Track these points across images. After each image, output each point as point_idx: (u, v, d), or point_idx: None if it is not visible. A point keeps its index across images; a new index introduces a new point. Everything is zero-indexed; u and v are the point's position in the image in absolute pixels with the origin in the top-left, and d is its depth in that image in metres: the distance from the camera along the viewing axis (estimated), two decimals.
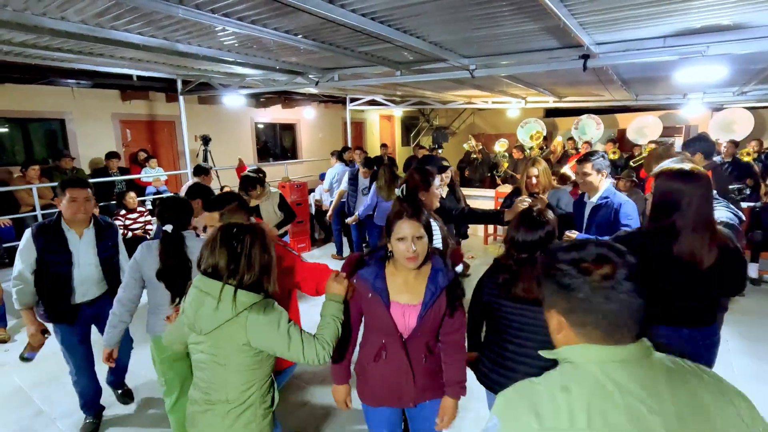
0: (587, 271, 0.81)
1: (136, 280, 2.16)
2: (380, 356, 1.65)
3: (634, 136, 9.27)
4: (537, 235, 1.71)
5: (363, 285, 1.63)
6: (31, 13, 2.84)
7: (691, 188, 1.67)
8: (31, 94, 6.35)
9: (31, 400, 3.06)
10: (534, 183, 3.07)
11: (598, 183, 2.70)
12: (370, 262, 1.66)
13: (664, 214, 1.70)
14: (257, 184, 4.10)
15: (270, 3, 2.59)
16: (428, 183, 2.44)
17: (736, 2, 2.55)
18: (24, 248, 2.37)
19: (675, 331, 1.72)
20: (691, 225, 1.64)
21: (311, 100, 10.06)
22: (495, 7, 2.72)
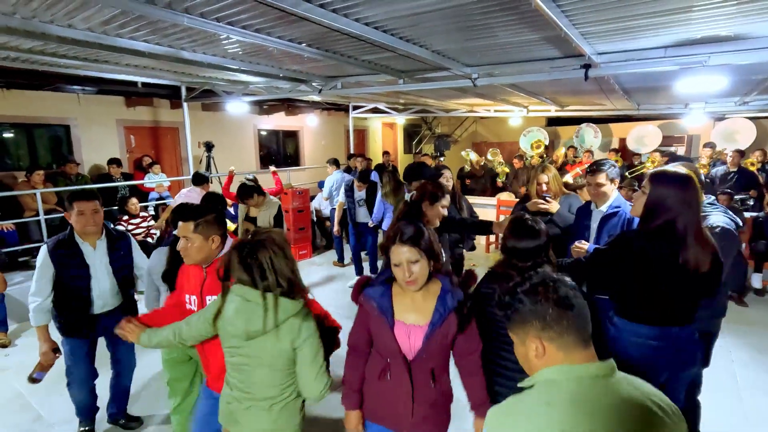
0: (540, 293, 1.00)
1: (153, 282, 2.45)
2: (384, 376, 1.62)
3: (634, 145, 9.30)
4: (538, 241, 1.70)
5: (369, 304, 1.61)
6: (39, 20, 2.88)
7: (689, 191, 1.67)
8: (37, 100, 6.42)
9: (30, 405, 3.05)
10: (545, 190, 3.05)
11: (611, 192, 2.67)
12: (377, 280, 1.65)
13: (658, 216, 1.69)
14: (254, 192, 4.07)
15: (274, 12, 2.62)
16: (436, 197, 2.45)
17: (736, 13, 2.57)
18: (42, 265, 2.36)
19: (665, 330, 1.75)
20: (694, 229, 1.65)
21: (314, 107, 10.12)
22: (497, 17, 2.74)
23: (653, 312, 1.75)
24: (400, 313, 1.59)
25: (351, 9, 2.56)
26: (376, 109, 9.22)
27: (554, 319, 0.98)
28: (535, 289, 1.02)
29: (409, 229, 1.55)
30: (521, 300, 1.02)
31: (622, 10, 2.55)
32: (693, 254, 1.64)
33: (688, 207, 1.65)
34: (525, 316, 1.01)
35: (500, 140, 13.73)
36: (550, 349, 0.98)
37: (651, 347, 1.75)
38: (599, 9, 2.53)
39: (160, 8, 2.54)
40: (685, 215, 1.65)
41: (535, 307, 1.00)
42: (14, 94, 6.19)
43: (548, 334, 0.98)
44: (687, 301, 1.76)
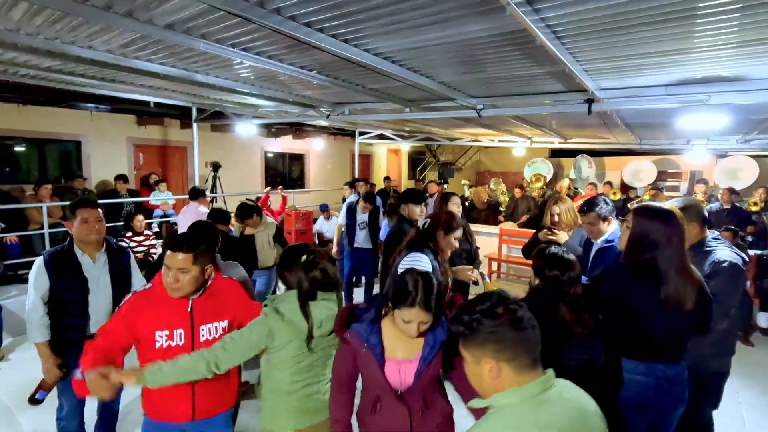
0: (499, 315, 1.02)
1: None
2: (375, 409, 1.59)
3: (630, 179, 9.43)
4: (576, 272, 1.70)
5: (357, 341, 1.56)
6: (60, 41, 2.99)
7: (672, 227, 1.67)
8: (51, 116, 6.57)
9: (17, 422, 2.98)
10: (556, 221, 3.06)
11: (605, 229, 2.67)
12: (365, 316, 1.59)
13: (642, 251, 1.70)
14: (254, 212, 4.08)
15: (287, 40, 2.72)
16: (451, 228, 2.43)
17: (736, 55, 2.64)
18: (37, 277, 2.23)
19: (650, 367, 1.73)
20: (674, 266, 1.64)
21: (321, 131, 10.30)
22: (503, 52, 2.83)
23: (638, 347, 1.74)
24: (390, 350, 1.55)
25: (361, 40, 2.65)
26: (381, 136, 9.37)
27: (511, 342, 1.00)
28: (494, 310, 1.03)
29: (427, 292, 1.47)
30: (480, 321, 1.03)
31: (624, 49, 2.63)
32: (674, 290, 1.63)
33: (669, 242, 1.65)
34: (483, 338, 1.02)
35: (504, 170, 13.86)
36: (505, 370, 1.00)
37: (637, 383, 1.73)
38: (602, 47, 2.61)
39: (178, 33, 2.64)
40: (667, 250, 1.65)
41: (494, 329, 1.01)
42: (29, 110, 6.34)
43: (504, 356, 1.00)
44: (671, 338, 1.73)
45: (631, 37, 2.41)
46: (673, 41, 2.45)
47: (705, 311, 1.72)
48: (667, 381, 1.73)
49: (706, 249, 2.04)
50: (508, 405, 0.99)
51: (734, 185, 7.49)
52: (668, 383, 1.73)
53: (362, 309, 1.63)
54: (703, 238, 2.09)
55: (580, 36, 2.42)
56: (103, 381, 1.54)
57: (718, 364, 2.13)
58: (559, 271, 1.71)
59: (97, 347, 1.66)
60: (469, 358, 1.06)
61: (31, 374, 3.55)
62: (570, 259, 1.74)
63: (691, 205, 2.13)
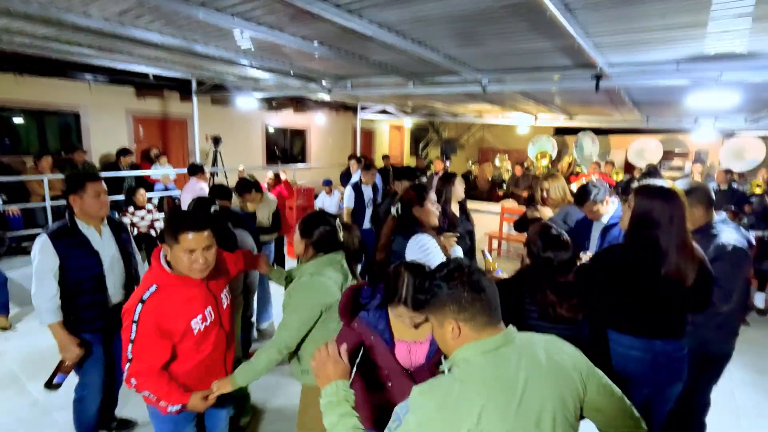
0: (458, 277, 1.09)
1: None
2: (386, 386, 1.59)
3: (634, 158, 9.30)
4: (570, 253, 1.72)
5: (365, 328, 1.56)
6: (56, 8, 2.90)
7: (673, 205, 1.68)
8: (49, 86, 6.47)
9: (26, 390, 3.06)
10: (545, 197, 3.12)
11: (605, 210, 2.76)
12: (372, 303, 1.57)
13: (644, 229, 1.71)
14: (252, 188, 4.07)
15: (289, 9, 2.64)
16: (422, 198, 2.37)
17: (752, 30, 2.56)
18: (44, 256, 2.11)
19: (648, 343, 1.75)
20: (675, 243, 1.66)
21: (323, 106, 10.15)
22: (510, 24, 2.74)
23: (636, 323, 1.76)
24: (399, 332, 1.55)
25: (365, 10, 2.57)
26: (384, 111, 9.23)
27: (468, 302, 1.07)
28: (452, 274, 1.10)
29: (417, 296, 1.43)
30: (439, 285, 1.10)
31: (637, 23, 2.55)
32: (675, 266, 1.66)
33: (671, 220, 1.67)
34: (443, 300, 1.09)
35: (507, 147, 13.71)
36: (465, 329, 1.07)
37: (633, 358, 1.76)
38: (613, 20, 2.52)
39: (176, 1, 2.55)
40: (667, 228, 1.67)
41: (451, 291, 1.08)
42: (26, 80, 6.24)
43: (463, 315, 1.07)
44: (672, 314, 1.76)
45: (645, 9, 2.33)
46: (687, 14, 2.37)
47: (706, 288, 1.74)
48: (665, 357, 1.76)
49: (712, 232, 2.03)
50: (464, 359, 1.05)
51: (739, 165, 7.43)
52: (666, 359, 1.76)
53: (367, 293, 1.61)
54: (710, 220, 2.07)
55: (592, 8, 2.34)
56: (205, 401, 1.67)
57: (721, 347, 2.15)
58: (552, 254, 1.73)
59: (165, 379, 1.62)
60: (435, 323, 1.13)
61: (39, 343, 3.63)
62: (566, 241, 1.75)
63: (697, 187, 2.11)
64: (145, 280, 1.65)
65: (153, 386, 1.60)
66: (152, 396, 1.61)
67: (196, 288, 1.68)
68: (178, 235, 1.57)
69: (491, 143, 14.40)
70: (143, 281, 1.66)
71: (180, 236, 1.57)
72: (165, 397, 1.61)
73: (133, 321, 1.57)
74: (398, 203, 2.38)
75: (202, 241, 1.60)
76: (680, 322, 1.79)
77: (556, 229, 1.80)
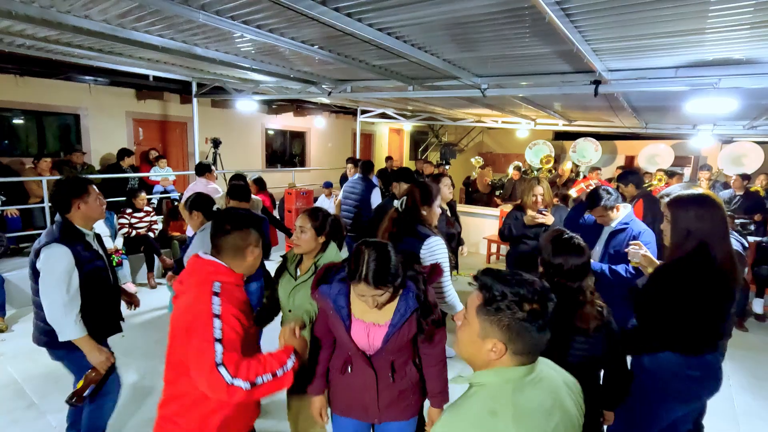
0: (538, 312, 0.96)
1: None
2: (345, 369, 1.64)
3: (645, 163, 9.25)
4: (583, 259, 1.65)
5: (324, 302, 1.59)
6: (56, 10, 2.91)
7: (714, 210, 1.64)
8: (49, 88, 6.48)
9: (23, 392, 3.05)
10: (539, 201, 3.14)
11: (615, 215, 2.76)
12: (335, 277, 1.59)
13: (689, 241, 1.64)
14: (248, 194, 4.01)
15: (289, 13, 2.64)
16: (432, 198, 2.37)
17: (749, 37, 2.57)
18: (68, 266, 1.98)
19: (701, 359, 1.67)
20: (724, 249, 1.61)
21: (322, 109, 10.17)
22: (509, 29, 2.76)
23: (693, 341, 1.68)
24: (358, 312, 1.56)
25: (364, 14, 2.58)
26: (383, 115, 9.25)
27: (530, 339, 0.97)
28: (533, 305, 0.96)
29: (370, 267, 1.43)
30: (514, 307, 0.95)
31: (635, 29, 2.56)
32: (731, 273, 1.61)
33: (715, 226, 1.62)
34: (507, 322, 0.95)
35: (506, 151, 13.75)
36: (507, 355, 0.97)
37: (685, 377, 1.67)
38: (612, 26, 2.54)
39: (176, 4, 2.56)
40: (714, 235, 1.62)
41: (525, 324, 0.95)
42: (27, 82, 6.25)
43: (516, 347, 0.97)
44: (725, 324, 1.72)
45: (644, 15, 2.34)
46: (686, 21, 2.38)
47: (741, 293, 1.73)
48: (713, 369, 1.71)
49: None
50: (488, 384, 0.98)
51: (737, 171, 7.43)
52: (714, 371, 1.71)
53: (336, 270, 1.63)
54: None
55: (591, 14, 2.35)
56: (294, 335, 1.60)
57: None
58: (562, 260, 1.64)
59: (257, 358, 1.47)
60: (476, 328, 0.99)
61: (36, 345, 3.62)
62: (579, 245, 1.67)
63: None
64: (200, 280, 1.51)
65: (261, 369, 1.41)
66: (267, 378, 1.40)
67: (239, 280, 1.64)
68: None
69: (491, 147, 14.44)
70: (196, 281, 1.52)
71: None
72: (276, 367, 1.45)
73: (214, 315, 1.40)
74: (403, 199, 2.35)
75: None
76: (724, 331, 1.76)
77: (568, 233, 1.73)
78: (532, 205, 3.15)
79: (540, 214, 3.04)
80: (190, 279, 1.54)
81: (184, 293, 1.53)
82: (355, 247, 1.50)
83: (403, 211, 2.31)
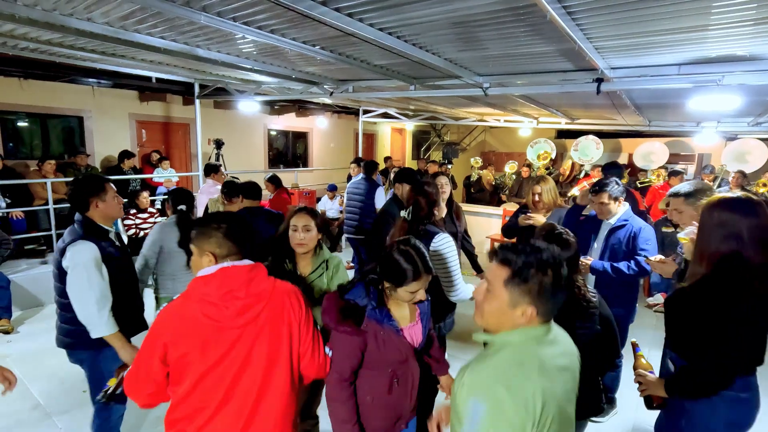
0: (557, 274, 1.06)
1: (156, 253, 2.71)
2: (392, 385, 1.62)
3: (641, 161, 9.21)
4: (571, 251, 1.72)
5: (376, 325, 1.56)
6: (59, 13, 2.93)
7: (760, 216, 1.50)
8: (53, 90, 6.51)
9: (29, 393, 3.07)
10: (537, 200, 3.13)
11: (616, 209, 2.75)
12: (369, 304, 1.57)
13: (727, 246, 1.50)
14: (240, 193, 3.98)
15: (290, 13, 2.65)
16: (436, 202, 2.37)
17: (753, 33, 2.56)
18: (97, 264, 2.00)
19: (747, 381, 1.54)
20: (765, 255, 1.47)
21: (325, 109, 10.18)
22: (511, 28, 2.75)
23: (749, 361, 1.53)
24: (399, 322, 1.65)
25: (365, 14, 2.58)
26: (386, 114, 9.25)
27: (555, 300, 1.08)
28: (553, 268, 1.06)
29: (420, 259, 1.56)
30: (544, 268, 1.05)
31: (637, 26, 2.55)
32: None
33: (761, 233, 1.48)
34: (535, 285, 1.05)
35: (509, 150, 13.72)
36: (535, 317, 1.07)
37: (739, 401, 1.54)
38: (614, 24, 2.52)
39: (178, 6, 2.57)
40: (755, 242, 1.48)
41: (551, 286, 1.05)
42: (31, 85, 6.29)
43: (544, 308, 1.07)
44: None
45: (646, 12, 2.32)
46: (689, 17, 2.37)
47: None
48: (757, 389, 1.57)
49: None
50: (512, 342, 1.07)
51: (742, 168, 7.38)
52: (757, 390, 1.57)
53: (359, 297, 1.59)
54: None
55: (592, 11, 2.33)
56: None
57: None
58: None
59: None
60: (505, 299, 1.07)
61: (41, 346, 3.64)
62: (568, 240, 1.74)
63: (702, 188, 2.09)
64: (289, 286, 1.54)
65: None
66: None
67: None
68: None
69: (493, 146, 14.41)
70: (287, 287, 1.52)
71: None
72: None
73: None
74: (409, 209, 2.32)
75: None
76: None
77: (560, 228, 1.81)
78: (531, 204, 3.16)
79: (527, 216, 3.08)
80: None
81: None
82: (393, 252, 1.55)
83: (411, 219, 2.30)
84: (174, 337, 1.34)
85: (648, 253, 2.58)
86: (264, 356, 1.40)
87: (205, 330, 1.34)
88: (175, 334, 1.34)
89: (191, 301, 1.36)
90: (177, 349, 1.33)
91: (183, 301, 1.38)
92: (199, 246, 1.44)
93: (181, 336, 1.33)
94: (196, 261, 1.45)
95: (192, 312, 1.35)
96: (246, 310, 1.37)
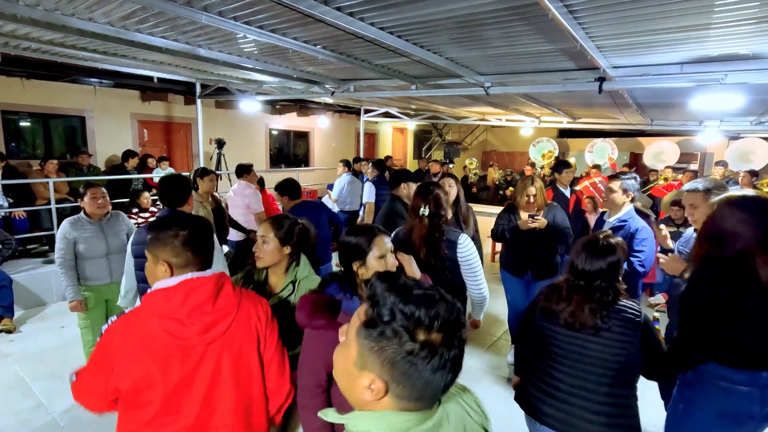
0: (432, 345, 0.67)
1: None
2: None
3: (651, 161, 9.16)
4: (598, 265, 1.62)
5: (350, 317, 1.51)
6: (60, 13, 2.93)
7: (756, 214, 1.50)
8: (55, 90, 6.53)
9: (31, 392, 3.08)
10: (532, 202, 3.11)
11: (621, 203, 2.74)
12: (347, 295, 1.47)
13: (730, 246, 1.52)
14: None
15: (291, 13, 2.65)
16: (442, 203, 2.35)
17: (755, 32, 2.54)
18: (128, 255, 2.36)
19: (754, 376, 1.54)
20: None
21: (326, 109, 10.18)
22: (512, 27, 2.74)
23: (743, 355, 1.54)
24: None
25: (366, 13, 2.57)
26: (387, 114, 9.24)
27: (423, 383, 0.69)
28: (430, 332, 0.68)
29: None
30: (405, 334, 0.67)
31: (639, 25, 2.54)
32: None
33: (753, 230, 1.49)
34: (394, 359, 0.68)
35: (510, 150, 13.71)
36: (389, 398, 0.71)
37: (738, 393, 1.54)
38: (616, 23, 2.51)
39: (179, 5, 2.57)
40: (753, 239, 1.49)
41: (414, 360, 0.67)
42: (33, 84, 6.30)
43: (400, 390, 0.69)
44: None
45: (648, 11, 2.31)
46: (691, 16, 2.36)
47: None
48: (766, 388, 1.54)
49: None
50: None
51: (745, 168, 7.35)
52: (766, 390, 1.54)
53: (334, 292, 1.50)
54: None
55: (594, 10, 2.33)
56: None
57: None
58: (590, 265, 1.61)
59: None
60: (353, 354, 0.72)
61: (44, 345, 3.65)
62: (612, 245, 1.63)
63: (720, 185, 2.07)
64: (255, 296, 1.50)
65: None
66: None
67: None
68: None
69: (495, 145, 14.39)
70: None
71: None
72: None
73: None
74: (427, 208, 2.28)
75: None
76: None
77: (604, 238, 1.68)
78: (524, 205, 3.13)
79: (532, 219, 3.02)
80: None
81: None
82: (343, 237, 1.51)
83: (430, 215, 2.29)
84: (126, 360, 1.20)
85: (643, 254, 2.56)
86: (231, 372, 1.31)
87: (167, 348, 1.21)
88: (128, 357, 1.20)
89: (149, 317, 1.22)
90: (131, 373, 1.19)
91: (137, 317, 1.24)
92: (154, 253, 1.29)
93: (136, 359, 1.20)
94: (151, 269, 1.30)
95: (150, 330, 1.21)
96: (213, 326, 1.25)
